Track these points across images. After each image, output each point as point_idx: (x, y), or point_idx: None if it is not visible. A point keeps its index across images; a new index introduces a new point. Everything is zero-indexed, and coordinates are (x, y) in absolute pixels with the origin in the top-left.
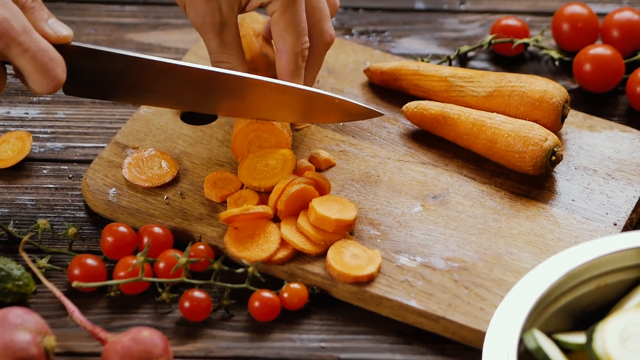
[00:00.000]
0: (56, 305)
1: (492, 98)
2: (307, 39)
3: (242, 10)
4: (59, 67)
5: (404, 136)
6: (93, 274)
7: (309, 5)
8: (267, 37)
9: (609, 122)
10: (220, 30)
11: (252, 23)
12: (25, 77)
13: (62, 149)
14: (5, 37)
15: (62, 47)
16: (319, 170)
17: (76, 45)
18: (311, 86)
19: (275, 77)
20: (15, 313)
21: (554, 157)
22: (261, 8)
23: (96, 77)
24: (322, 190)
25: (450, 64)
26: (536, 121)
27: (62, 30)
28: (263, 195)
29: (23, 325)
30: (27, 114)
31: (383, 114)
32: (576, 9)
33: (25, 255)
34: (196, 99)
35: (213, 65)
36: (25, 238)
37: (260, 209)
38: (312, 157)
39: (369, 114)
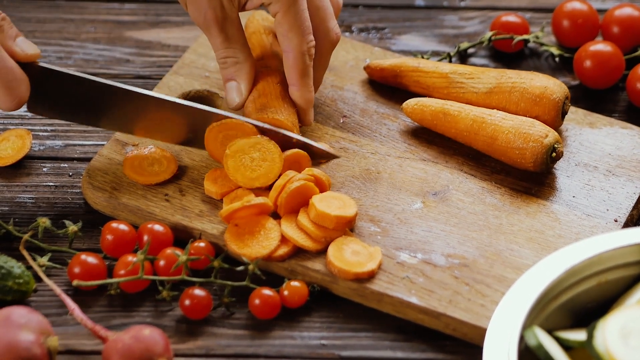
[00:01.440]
0: (57, 304)
1: (493, 94)
2: (312, 37)
3: (242, 8)
4: (23, 85)
5: (404, 133)
6: (93, 272)
7: (312, 5)
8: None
9: (610, 118)
10: (223, 26)
11: (262, 21)
12: None
13: (61, 147)
14: None
15: (28, 66)
16: (319, 164)
17: (42, 65)
18: (319, 86)
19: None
20: (19, 313)
21: (554, 154)
22: (263, 8)
23: (59, 98)
24: (322, 186)
25: (450, 61)
26: (536, 117)
27: (29, 49)
28: (258, 192)
29: (27, 325)
30: (26, 112)
31: (339, 157)
32: (576, 5)
33: (26, 253)
34: (156, 127)
35: (219, 62)
36: (26, 236)
37: (261, 200)
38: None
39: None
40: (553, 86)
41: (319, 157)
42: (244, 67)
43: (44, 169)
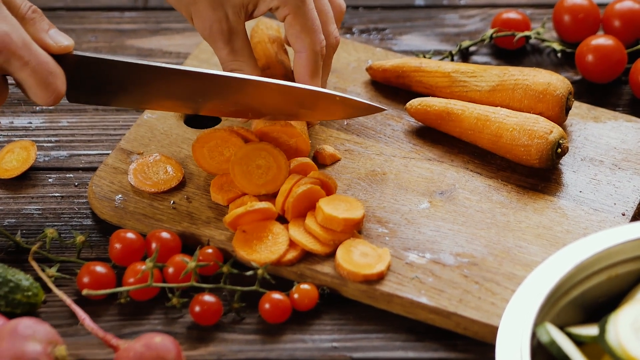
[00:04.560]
0: (66, 314)
1: (496, 92)
2: (323, 36)
3: (250, 17)
4: (59, 79)
5: (408, 133)
6: (102, 281)
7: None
8: (287, 43)
9: (614, 112)
10: (229, 38)
11: (266, 30)
12: (26, 90)
13: (66, 157)
14: (5, 51)
15: (63, 56)
16: (324, 165)
17: (77, 54)
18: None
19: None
20: (25, 324)
21: (559, 150)
22: (270, 13)
23: (98, 84)
24: (329, 189)
25: (452, 60)
26: (540, 114)
27: (63, 40)
28: (264, 200)
29: (33, 336)
30: (30, 123)
31: (385, 109)
32: (577, 0)
33: (35, 264)
34: (198, 101)
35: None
36: (35, 248)
37: (265, 204)
38: (317, 152)
39: (371, 110)
40: (556, 82)
41: (364, 113)
42: None
43: (50, 180)
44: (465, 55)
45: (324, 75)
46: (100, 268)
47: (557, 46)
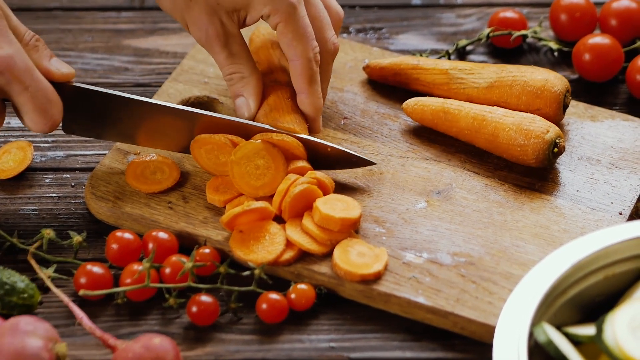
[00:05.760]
0: (63, 315)
1: (494, 89)
2: (316, 43)
3: (243, 24)
4: (56, 108)
5: (405, 133)
6: (99, 281)
7: (309, 15)
8: None
9: (611, 111)
10: (226, 42)
11: (268, 35)
12: (22, 115)
13: (63, 158)
14: (8, 73)
15: (62, 86)
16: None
17: (76, 85)
18: (324, 97)
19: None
20: (26, 321)
21: (556, 149)
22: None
23: (94, 116)
24: (326, 189)
25: (449, 59)
26: (538, 111)
27: (65, 68)
28: (260, 200)
29: (34, 332)
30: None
31: (375, 164)
32: None
33: (34, 264)
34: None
35: (226, 79)
36: (32, 248)
37: (262, 204)
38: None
39: (361, 163)
40: (554, 79)
41: (354, 166)
42: (251, 82)
43: (46, 180)
44: (462, 55)
45: (323, 82)
46: (97, 268)
47: (554, 45)
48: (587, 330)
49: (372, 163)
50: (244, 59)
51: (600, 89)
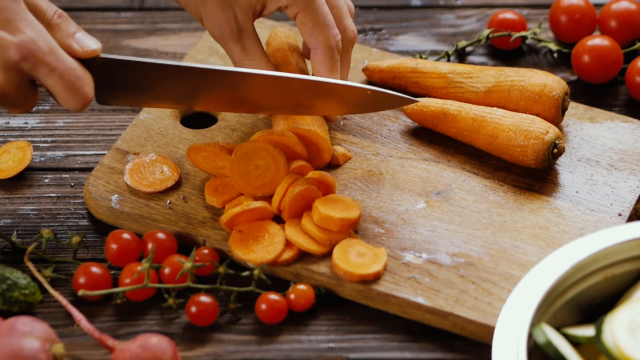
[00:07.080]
0: (62, 315)
1: (492, 93)
2: (337, 30)
3: (259, 15)
4: (87, 84)
5: (405, 133)
6: (98, 281)
7: (327, 4)
8: (305, 54)
9: (610, 112)
10: (239, 38)
11: (285, 38)
12: (54, 95)
13: (62, 158)
14: (32, 58)
15: (89, 59)
16: (337, 165)
17: (105, 57)
18: None
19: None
20: (23, 321)
21: (555, 150)
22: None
23: (127, 85)
24: (329, 188)
25: (448, 60)
26: (537, 115)
27: (90, 44)
28: (260, 200)
29: (31, 333)
30: (26, 123)
31: (417, 101)
32: (573, 0)
33: (31, 265)
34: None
35: None
36: (31, 248)
37: (261, 203)
38: None
39: (385, 105)
40: (552, 83)
41: (394, 106)
42: None
43: (46, 180)
44: (461, 56)
45: (343, 70)
46: (96, 268)
47: (553, 46)
48: (586, 331)
49: (414, 101)
50: (258, 54)
51: (600, 91)
